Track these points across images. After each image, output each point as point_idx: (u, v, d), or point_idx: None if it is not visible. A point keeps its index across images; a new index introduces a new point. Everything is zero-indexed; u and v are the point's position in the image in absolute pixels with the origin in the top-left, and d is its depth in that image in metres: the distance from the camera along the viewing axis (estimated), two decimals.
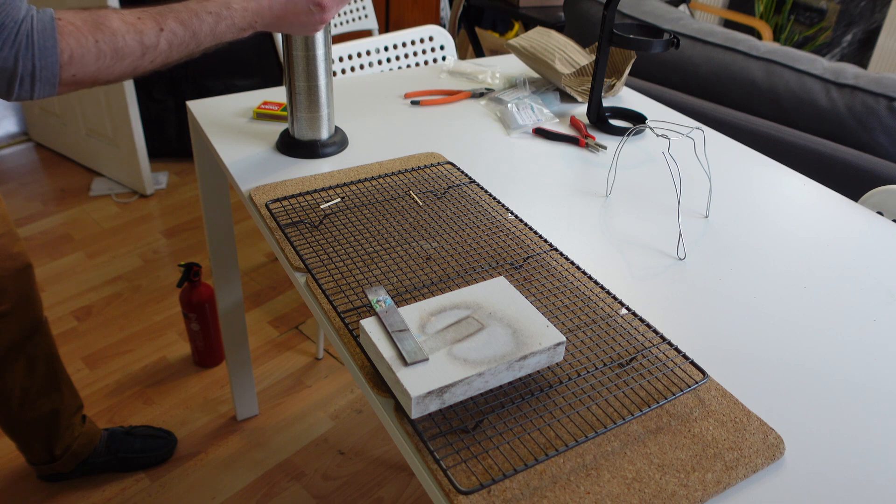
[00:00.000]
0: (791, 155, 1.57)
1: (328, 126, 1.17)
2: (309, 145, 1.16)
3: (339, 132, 1.21)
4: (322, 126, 1.16)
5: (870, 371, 0.82)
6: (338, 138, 1.19)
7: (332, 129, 1.19)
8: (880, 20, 3.34)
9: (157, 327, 2.08)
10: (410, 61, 1.79)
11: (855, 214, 1.14)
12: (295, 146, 1.16)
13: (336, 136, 1.20)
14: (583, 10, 1.96)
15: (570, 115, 1.41)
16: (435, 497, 0.65)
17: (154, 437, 1.65)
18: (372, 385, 0.74)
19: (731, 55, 1.70)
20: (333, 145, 1.18)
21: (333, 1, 0.97)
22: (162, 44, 0.83)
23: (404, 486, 1.64)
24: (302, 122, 1.15)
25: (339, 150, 1.18)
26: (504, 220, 1.03)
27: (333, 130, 1.19)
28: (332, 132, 1.19)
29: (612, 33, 1.26)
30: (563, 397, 0.73)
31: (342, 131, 1.22)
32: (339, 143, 1.19)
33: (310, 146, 1.16)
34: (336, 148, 1.18)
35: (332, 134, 1.19)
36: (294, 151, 1.16)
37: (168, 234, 2.51)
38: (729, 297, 0.92)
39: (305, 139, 1.16)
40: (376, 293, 0.77)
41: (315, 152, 1.16)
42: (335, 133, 1.20)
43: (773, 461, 0.69)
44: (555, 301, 0.87)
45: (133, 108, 2.53)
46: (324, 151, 1.16)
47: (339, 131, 1.22)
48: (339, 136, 1.20)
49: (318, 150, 1.16)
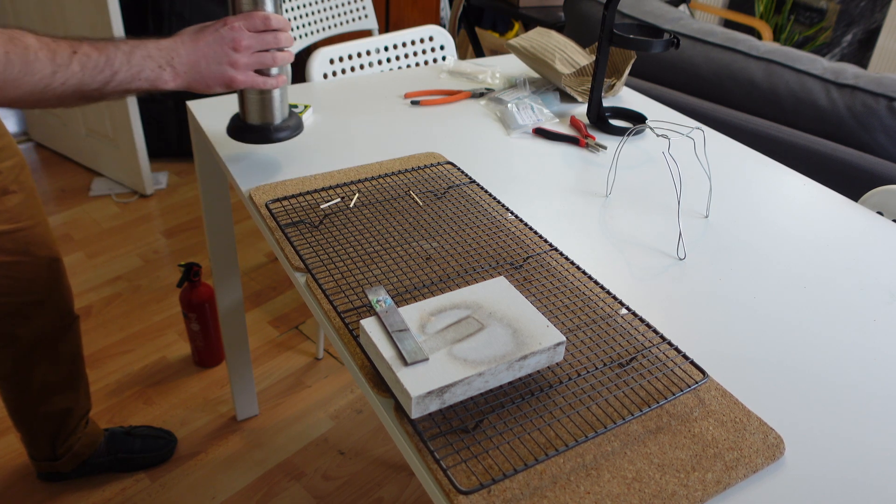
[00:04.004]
0: (791, 155, 1.57)
1: (281, 108, 1.07)
2: (260, 130, 1.07)
3: (294, 116, 1.12)
4: (274, 108, 1.06)
5: (870, 371, 0.82)
6: (292, 122, 1.10)
7: (285, 112, 1.09)
8: (880, 20, 3.34)
9: (157, 327, 2.08)
10: (410, 61, 1.79)
11: (855, 214, 1.14)
12: (245, 130, 1.07)
13: (290, 119, 1.10)
14: (583, 10, 1.96)
15: (570, 115, 1.41)
16: (435, 497, 0.65)
17: (154, 438, 1.65)
18: (372, 385, 0.74)
19: (731, 55, 1.70)
20: (286, 129, 1.08)
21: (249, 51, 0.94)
22: (74, 65, 0.84)
23: (404, 486, 1.64)
24: (252, 104, 1.06)
25: (292, 134, 1.09)
26: (504, 220, 1.03)
27: (287, 114, 1.10)
28: (286, 115, 1.09)
29: (612, 33, 1.26)
30: (563, 397, 0.73)
31: (297, 115, 1.13)
32: (294, 127, 1.10)
33: (261, 131, 1.07)
34: (289, 132, 1.08)
35: (285, 118, 1.09)
36: (244, 136, 1.08)
37: (168, 234, 2.51)
38: (729, 297, 0.92)
39: (256, 123, 1.07)
40: (376, 293, 0.77)
41: (266, 137, 1.07)
42: (289, 117, 1.10)
43: (773, 461, 0.69)
44: (555, 301, 0.87)
45: (133, 108, 2.54)
46: (276, 136, 1.07)
47: (294, 115, 1.12)
48: (294, 121, 1.11)
49: (271, 135, 1.07)
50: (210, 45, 0.92)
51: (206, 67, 0.92)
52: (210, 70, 0.92)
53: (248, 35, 0.93)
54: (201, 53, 0.91)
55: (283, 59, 0.97)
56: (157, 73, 0.89)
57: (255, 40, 0.94)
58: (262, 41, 0.95)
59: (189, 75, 0.92)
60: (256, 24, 0.94)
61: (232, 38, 0.92)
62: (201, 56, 0.91)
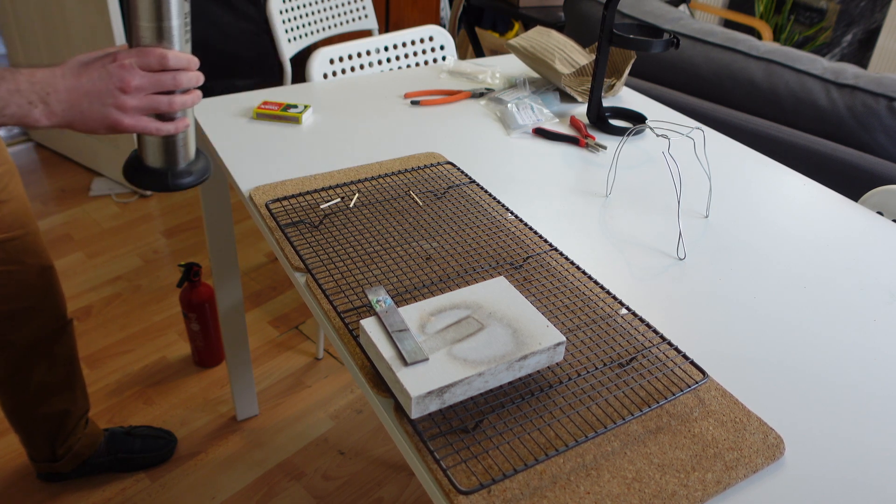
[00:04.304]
0: (791, 155, 1.57)
1: (185, 151, 0.90)
2: (158, 174, 0.90)
3: (201, 158, 0.94)
4: (176, 151, 0.89)
5: (870, 371, 0.82)
6: (198, 165, 0.92)
7: (190, 155, 0.91)
8: (880, 20, 3.34)
9: (157, 327, 2.08)
10: (410, 61, 1.79)
11: (855, 214, 1.14)
12: (141, 172, 0.90)
13: (196, 162, 0.92)
14: (583, 10, 1.96)
15: (570, 115, 1.41)
16: (435, 497, 0.65)
17: (154, 438, 1.65)
18: (372, 385, 0.74)
19: (731, 55, 1.70)
20: (190, 175, 0.91)
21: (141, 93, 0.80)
22: None
23: (404, 486, 1.64)
24: (149, 146, 0.88)
25: (197, 180, 0.91)
26: (504, 220, 1.03)
27: (193, 156, 0.91)
28: (191, 158, 0.91)
29: (612, 33, 1.26)
30: (563, 397, 0.73)
31: (204, 157, 0.94)
32: (200, 171, 0.92)
33: (159, 175, 0.90)
34: (194, 178, 0.91)
35: (190, 161, 0.91)
36: (139, 179, 0.90)
37: (168, 234, 2.51)
38: (729, 297, 0.92)
39: (155, 166, 0.89)
40: (376, 293, 0.77)
41: (164, 183, 0.90)
42: (195, 160, 0.92)
43: (773, 461, 0.69)
44: (555, 301, 0.87)
45: None
46: (177, 182, 0.90)
47: (202, 157, 0.94)
48: (201, 163, 0.93)
49: (170, 181, 0.90)
50: (94, 83, 0.78)
51: (87, 107, 0.79)
52: (92, 110, 0.79)
53: (140, 74, 0.79)
54: (83, 91, 0.78)
55: (183, 104, 0.83)
56: (27, 109, 0.77)
57: (148, 81, 0.80)
58: (158, 82, 0.80)
59: (67, 115, 0.79)
60: (151, 63, 0.79)
61: (120, 77, 0.78)
62: (83, 94, 0.78)
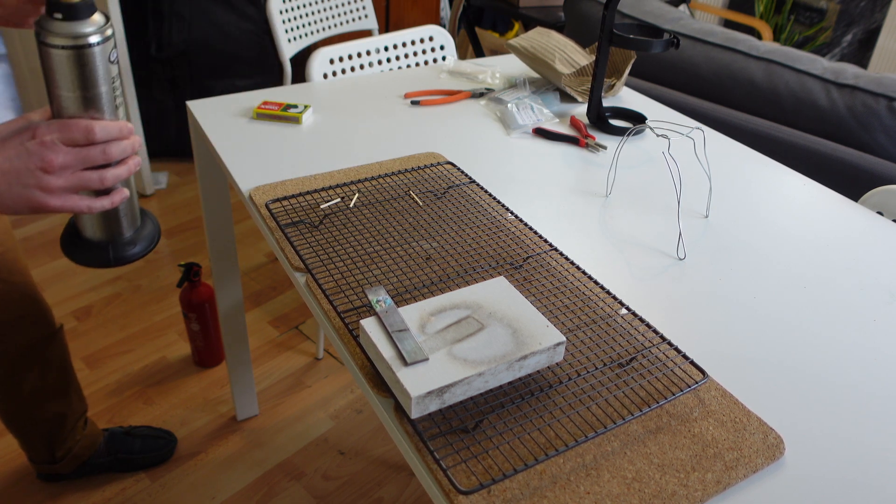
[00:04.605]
0: (791, 155, 1.57)
1: (130, 219, 0.80)
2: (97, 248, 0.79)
3: (148, 222, 0.83)
4: (120, 220, 0.78)
5: (870, 371, 0.82)
6: (146, 231, 0.82)
7: (136, 221, 0.81)
8: (880, 20, 3.34)
9: (157, 327, 2.08)
10: (410, 61, 1.79)
11: (855, 214, 1.14)
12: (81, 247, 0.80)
13: (143, 228, 0.82)
14: (583, 10, 1.96)
15: (570, 115, 1.41)
16: (435, 497, 0.65)
17: (154, 438, 1.65)
18: (372, 385, 0.74)
19: (731, 55, 1.70)
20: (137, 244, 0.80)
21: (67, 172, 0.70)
22: None
23: (404, 486, 1.64)
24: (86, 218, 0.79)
25: (146, 248, 0.81)
26: (504, 220, 1.03)
27: (138, 221, 0.81)
28: (137, 223, 0.81)
29: (612, 33, 1.26)
30: (563, 397, 0.73)
31: (151, 220, 0.84)
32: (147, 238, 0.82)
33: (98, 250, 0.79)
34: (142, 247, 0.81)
35: (136, 227, 0.81)
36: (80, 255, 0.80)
37: (168, 234, 2.51)
38: (729, 297, 0.92)
39: (95, 238, 0.79)
40: (376, 293, 0.77)
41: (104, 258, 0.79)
42: (141, 225, 0.82)
43: (773, 461, 0.69)
44: (555, 301, 0.87)
45: (133, 108, 2.54)
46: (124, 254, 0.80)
47: (147, 220, 0.83)
48: (149, 228, 0.83)
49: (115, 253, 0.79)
50: (12, 162, 0.69)
51: (5, 189, 0.69)
52: (11, 193, 0.70)
53: (64, 151, 0.69)
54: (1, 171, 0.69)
55: (116, 177, 0.73)
56: None
57: (74, 157, 0.70)
58: (85, 158, 0.71)
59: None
60: (75, 138, 0.70)
61: (41, 157, 0.68)
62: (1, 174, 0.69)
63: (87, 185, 0.72)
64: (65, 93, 0.69)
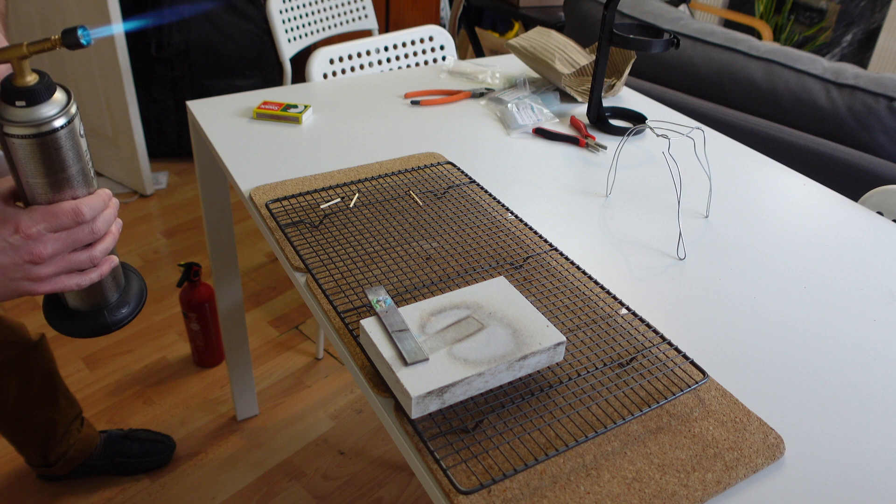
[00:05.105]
0: (791, 155, 1.57)
1: (115, 279, 0.77)
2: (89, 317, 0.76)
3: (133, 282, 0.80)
4: (105, 287, 0.75)
5: (870, 371, 0.82)
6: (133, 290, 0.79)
7: (121, 282, 0.78)
8: (880, 20, 3.34)
9: (157, 327, 2.08)
10: (410, 61, 1.79)
11: (855, 214, 1.14)
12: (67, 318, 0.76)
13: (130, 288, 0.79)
14: (583, 10, 1.96)
15: (570, 115, 1.41)
16: (435, 497, 0.65)
17: (152, 442, 1.65)
18: (372, 385, 0.74)
19: (731, 55, 1.70)
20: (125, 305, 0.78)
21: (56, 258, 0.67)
22: None
23: (404, 486, 1.64)
24: None
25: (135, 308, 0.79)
26: (504, 220, 1.03)
27: (123, 282, 0.78)
28: (122, 285, 0.78)
29: (612, 33, 1.26)
30: (563, 397, 0.73)
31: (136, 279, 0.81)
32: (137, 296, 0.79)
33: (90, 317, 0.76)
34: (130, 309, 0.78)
35: (121, 289, 0.78)
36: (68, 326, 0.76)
37: (168, 234, 2.51)
38: (729, 297, 0.92)
39: (82, 308, 0.76)
40: (376, 293, 0.77)
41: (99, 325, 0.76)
42: (127, 285, 0.79)
43: (773, 461, 0.69)
44: (555, 301, 0.87)
45: (133, 108, 2.53)
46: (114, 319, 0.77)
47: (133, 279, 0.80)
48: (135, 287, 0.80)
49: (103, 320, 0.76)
50: None
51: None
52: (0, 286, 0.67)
53: (52, 240, 0.66)
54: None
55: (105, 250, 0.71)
56: None
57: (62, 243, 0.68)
58: (74, 240, 0.68)
59: None
60: (63, 223, 0.67)
61: (29, 251, 0.65)
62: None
63: (77, 266, 0.70)
64: (38, 180, 0.65)
